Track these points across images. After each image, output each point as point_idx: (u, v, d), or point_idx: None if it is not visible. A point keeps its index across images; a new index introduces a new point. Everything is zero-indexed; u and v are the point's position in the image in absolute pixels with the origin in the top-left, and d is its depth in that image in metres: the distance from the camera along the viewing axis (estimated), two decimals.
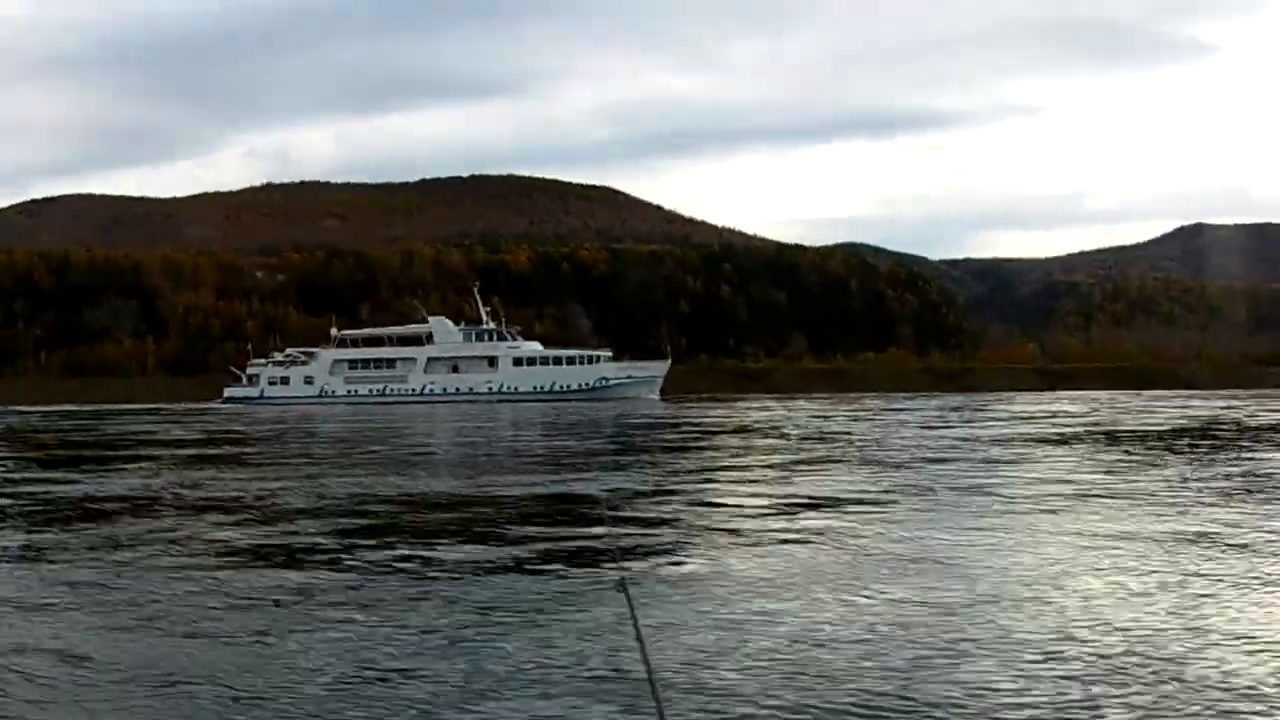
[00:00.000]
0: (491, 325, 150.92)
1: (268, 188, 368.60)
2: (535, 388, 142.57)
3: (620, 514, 18.95)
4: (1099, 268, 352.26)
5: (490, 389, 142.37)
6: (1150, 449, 36.29)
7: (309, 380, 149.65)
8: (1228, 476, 24.94)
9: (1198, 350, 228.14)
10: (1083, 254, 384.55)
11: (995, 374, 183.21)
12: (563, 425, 62.39)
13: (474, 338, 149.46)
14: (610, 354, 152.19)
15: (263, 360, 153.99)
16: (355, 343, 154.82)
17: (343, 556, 15.14)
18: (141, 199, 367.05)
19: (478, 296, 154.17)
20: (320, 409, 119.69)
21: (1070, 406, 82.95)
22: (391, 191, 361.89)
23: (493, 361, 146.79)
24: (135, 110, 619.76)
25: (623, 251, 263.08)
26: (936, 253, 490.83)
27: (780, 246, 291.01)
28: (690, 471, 29.67)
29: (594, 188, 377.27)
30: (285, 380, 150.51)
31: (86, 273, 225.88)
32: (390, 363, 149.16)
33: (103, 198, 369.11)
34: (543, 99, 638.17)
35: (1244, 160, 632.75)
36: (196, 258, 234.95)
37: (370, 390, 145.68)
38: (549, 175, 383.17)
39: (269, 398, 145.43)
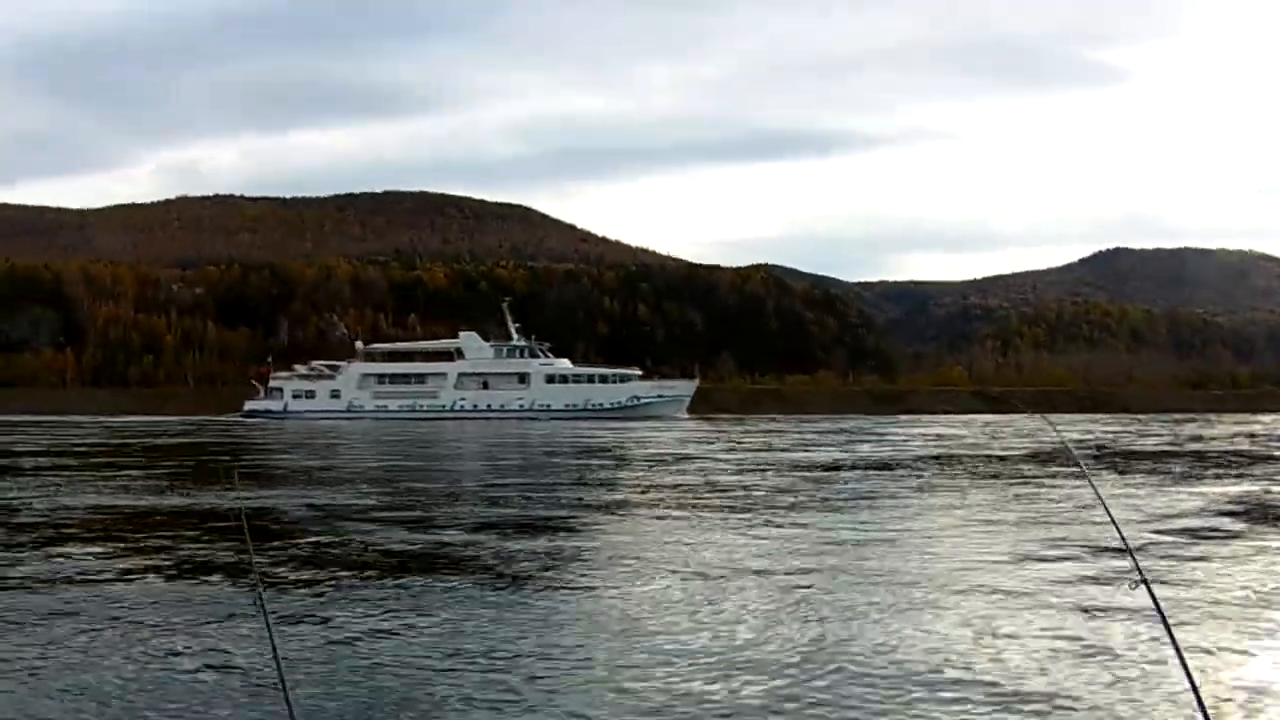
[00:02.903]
0: (522, 342, 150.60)
1: (181, 201, 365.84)
2: (567, 405, 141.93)
3: None
4: (1016, 291, 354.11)
5: (522, 406, 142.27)
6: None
7: (335, 394, 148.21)
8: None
9: (1128, 374, 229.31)
10: (999, 277, 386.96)
11: (933, 397, 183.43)
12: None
13: (505, 354, 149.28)
14: (640, 373, 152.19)
15: (286, 373, 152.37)
16: (381, 357, 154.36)
17: None
18: (52, 209, 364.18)
19: (507, 313, 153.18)
20: (348, 424, 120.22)
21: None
22: (305, 207, 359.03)
23: (524, 378, 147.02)
24: (42, 120, 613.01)
25: (540, 270, 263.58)
26: (850, 274, 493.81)
27: (697, 267, 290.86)
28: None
29: (508, 206, 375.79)
30: (310, 394, 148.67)
31: (6, 282, 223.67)
32: (420, 378, 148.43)
33: (10, 207, 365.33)
34: (457, 116, 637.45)
35: (1157, 186, 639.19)
36: (115, 269, 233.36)
37: (400, 406, 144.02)
38: (463, 193, 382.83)
39: (293, 412, 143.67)
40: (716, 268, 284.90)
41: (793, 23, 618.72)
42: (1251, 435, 78.63)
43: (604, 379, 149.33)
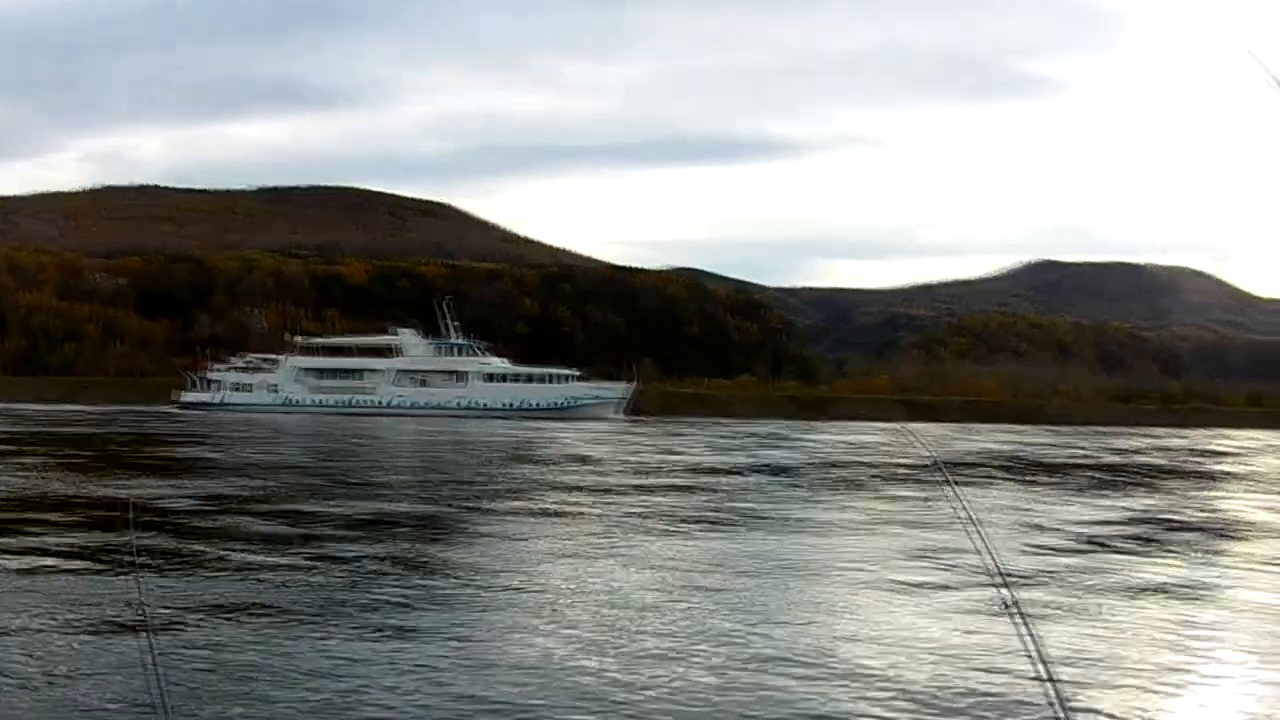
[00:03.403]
0: (460, 340, 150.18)
1: (106, 190, 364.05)
2: (504, 404, 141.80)
3: None
4: (941, 301, 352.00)
5: (459, 404, 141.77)
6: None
7: (272, 388, 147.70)
8: None
9: (1054, 387, 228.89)
10: (925, 286, 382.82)
11: (860, 404, 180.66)
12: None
13: (443, 352, 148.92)
14: (578, 374, 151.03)
15: (223, 365, 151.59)
16: (319, 351, 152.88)
17: None
18: None
19: (446, 311, 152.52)
20: (283, 418, 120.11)
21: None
22: (228, 199, 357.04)
23: (461, 377, 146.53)
24: None
25: (461, 268, 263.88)
26: (772, 280, 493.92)
27: (618, 269, 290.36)
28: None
29: (430, 203, 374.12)
30: (247, 387, 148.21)
31: None
32: (358, 373, 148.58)
33: None
34: (381, 112, 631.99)
35: (1089, 199, 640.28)
36: (40, 257, 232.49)
37: (336, 401, 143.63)
38: (386, 189, 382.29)
39: (229, 404, 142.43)
40: (638, 270, 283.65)
41: (720, 26, 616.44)
42: (1170, 450, 79.56)
43: (541, 379, 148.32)
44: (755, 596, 17.17)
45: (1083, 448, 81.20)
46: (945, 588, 18.27)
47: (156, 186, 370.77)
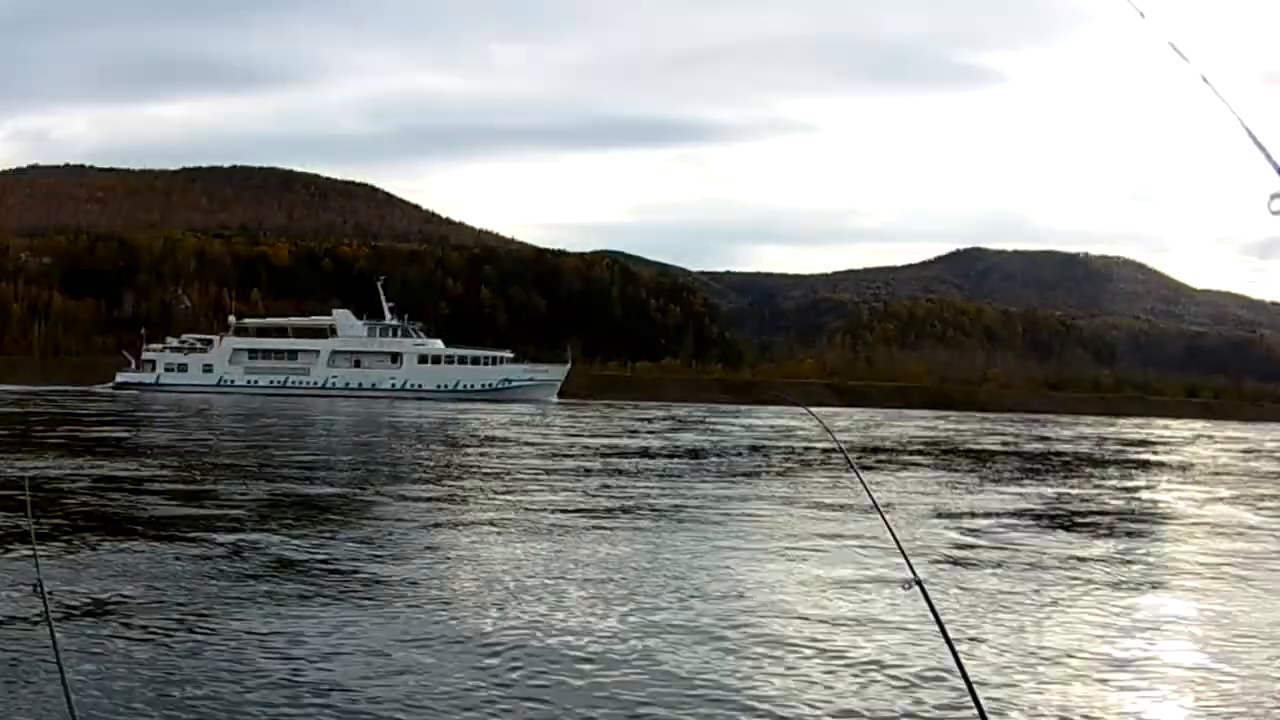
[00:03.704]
0: (395, 321, 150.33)
1: (31, 169, 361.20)
2: (439, 386, 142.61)
3: None
4: (868, 287, 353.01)
5: (394, 385, 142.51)
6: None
7: (208, 368, 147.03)
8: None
9: (983, 373, 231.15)
10: (851, 272, 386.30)
11: (789, 389, 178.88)
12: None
13: (378, 333, 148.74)
14: (512, 355, 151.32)
15: (159, 345, 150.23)
16: (254, 332, 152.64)
17: None
18: None
19: (381, 291, 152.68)
20: (217, 398, 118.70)
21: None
22: (153, 178, 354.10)
23: (396, 358, 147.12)
24: None
25: (384, 249, 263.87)
26: (698, 264, 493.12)
27: (542, 251, 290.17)
28: None
29: (354, 184, 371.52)
30: (183, 367, 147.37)
31: None
32: (293, 354, 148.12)
33: None
34: (306, 92, 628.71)
35: (1023, 188, 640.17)
36: None
37: (271, 381, 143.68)
38: (310, 169, 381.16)
39: (164, 385, 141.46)
40: (561, 253, 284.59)
41: (653, 11, 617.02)
42: (1097, 439, 78.64)
43: (476, 360, 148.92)
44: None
45: (1008, 434, 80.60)
46: (844, 563, 18.40)
47: (82, 166, 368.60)
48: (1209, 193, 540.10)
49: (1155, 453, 61.47)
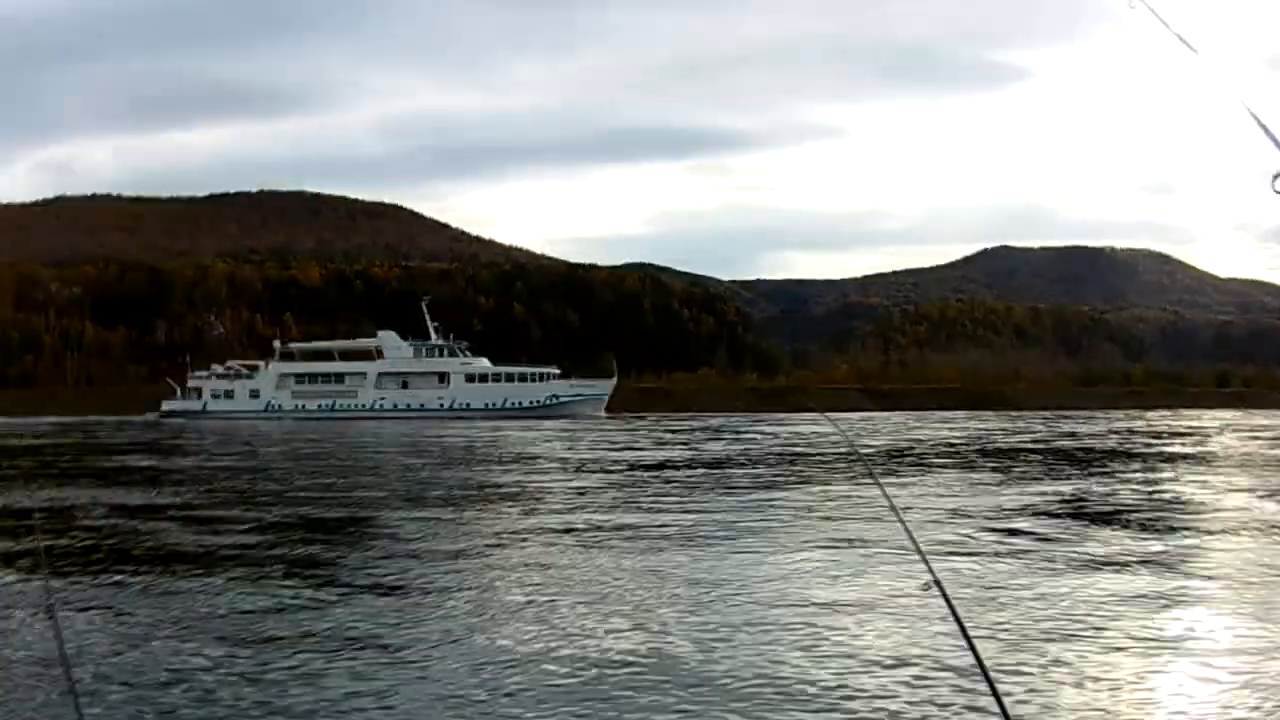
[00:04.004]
0: (441, 341, 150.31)
1: (58, 200, 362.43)
2: (487, 404, 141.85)
3: None
4: (897, 289, 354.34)
5: (442, 405, 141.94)
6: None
7: (255, 394, 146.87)
8: None
9: (1015, 372, 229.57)
10: (880, 275, 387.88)
11: (823, 395, 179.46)
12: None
13: (424, 353, 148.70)
14: (559, 371, 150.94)
15: (204, 373, 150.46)
16: (300, 356, 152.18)
17: None
18: None
19: (425, 311, 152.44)
20: (265, 424, 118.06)
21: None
22: (181, 205, 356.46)
23: (444, 378, 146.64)
24: None
25: (415, 269, 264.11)
26: (728, 273, 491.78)
27: (572, 266, 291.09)
28: None
29: (381, 205, 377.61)
30: (230, 394, 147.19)
31: None
32: (340, 377, 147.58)
33: None
34: (331, 115, 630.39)
35: (1047, 184, 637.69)
36: None
37: (319, 405, 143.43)
38: (337, 192, 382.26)
39: (211, 412, 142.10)
40: (592, 266, 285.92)
41: (676, 21, 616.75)
42: (1126, 432, 78.60)
43: (523, 378, 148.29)
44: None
45: (1038, 433, 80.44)
46: (863, 568, 18.63)
47: (108, 195, 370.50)
48: (1225, 181, 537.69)
49: (1182, 445, 61.20)
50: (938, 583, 5.50)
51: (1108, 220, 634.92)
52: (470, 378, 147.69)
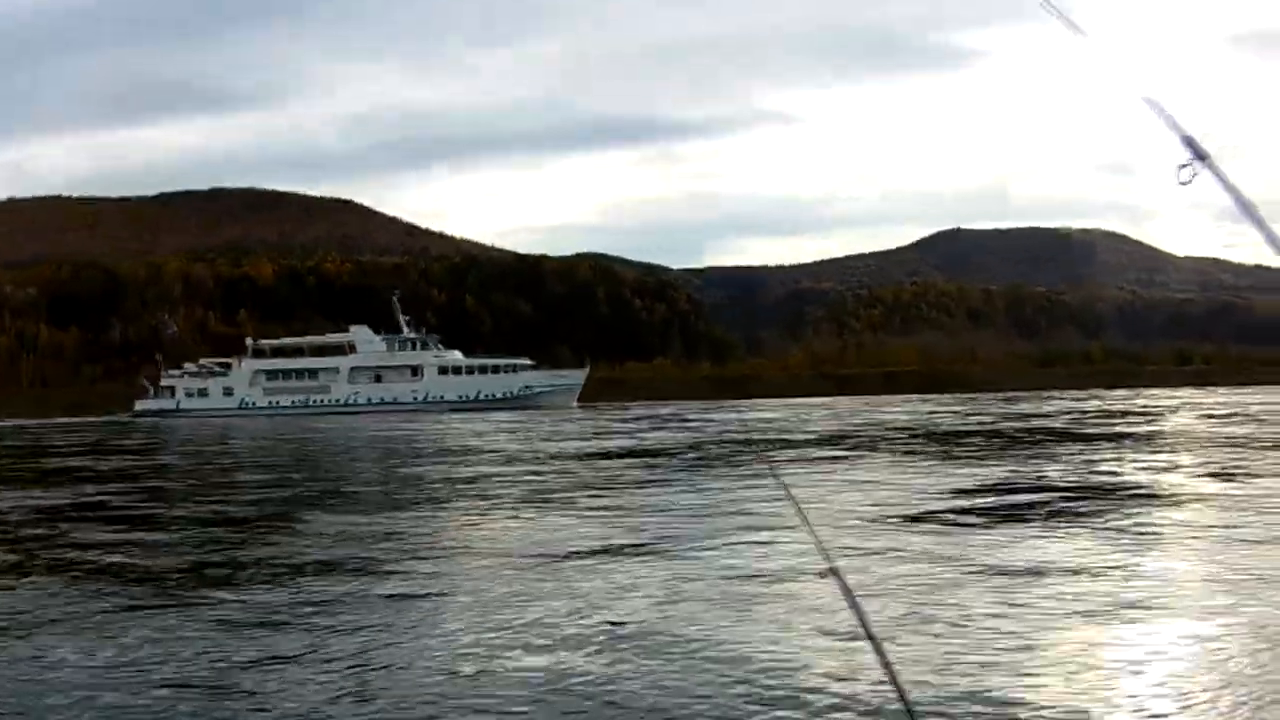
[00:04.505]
0: (413, 335, 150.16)
1: (10, 202, 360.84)
2: (461, 396, 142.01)
3: None
4: (851, 274, 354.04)
5: (415, 398, 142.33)
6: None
7: (229, 391, 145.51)
8: None
9: (971, 353, 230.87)
10: (832, 260, 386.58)
11: (780, 381, 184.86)
12: None
13: (397, 347, 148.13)
14: (531, 362, 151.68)
15: (177, 371, 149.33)
16: (271, 352, 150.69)
17: None
18: None
19: (397, 305, 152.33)
20: (240, 421, 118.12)
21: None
22: (134, 205, 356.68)
23: (417, 371, 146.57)
24: None
25: (367, 264, 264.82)
26: (679, 261, 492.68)
27: (522, 257, 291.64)
28: None
29: (335, 200, 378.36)
30: (204, 392, 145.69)
31: None
32: (313, 373, 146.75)
33: None
34: (282, 110, 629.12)
35: (1001, 165, 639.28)
36: None
37: (293, 401, 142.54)
38: (290, 188, 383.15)
39: (185, 410, 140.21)
40: (543, 257, 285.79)
41: (619, 10, 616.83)
42: (1080, 412, 78.09)
43: (496, 369, 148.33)
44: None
45: (989, 414, 79.56)
46: (765, 555, 18.17)
47: (60, 196, 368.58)
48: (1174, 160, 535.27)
49: (1131, 424, 60.99)
50: (834, 570, 5.44)
51: (1064, 201, 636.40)
52: (443, 370, 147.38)
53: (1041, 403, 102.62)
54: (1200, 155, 5.09)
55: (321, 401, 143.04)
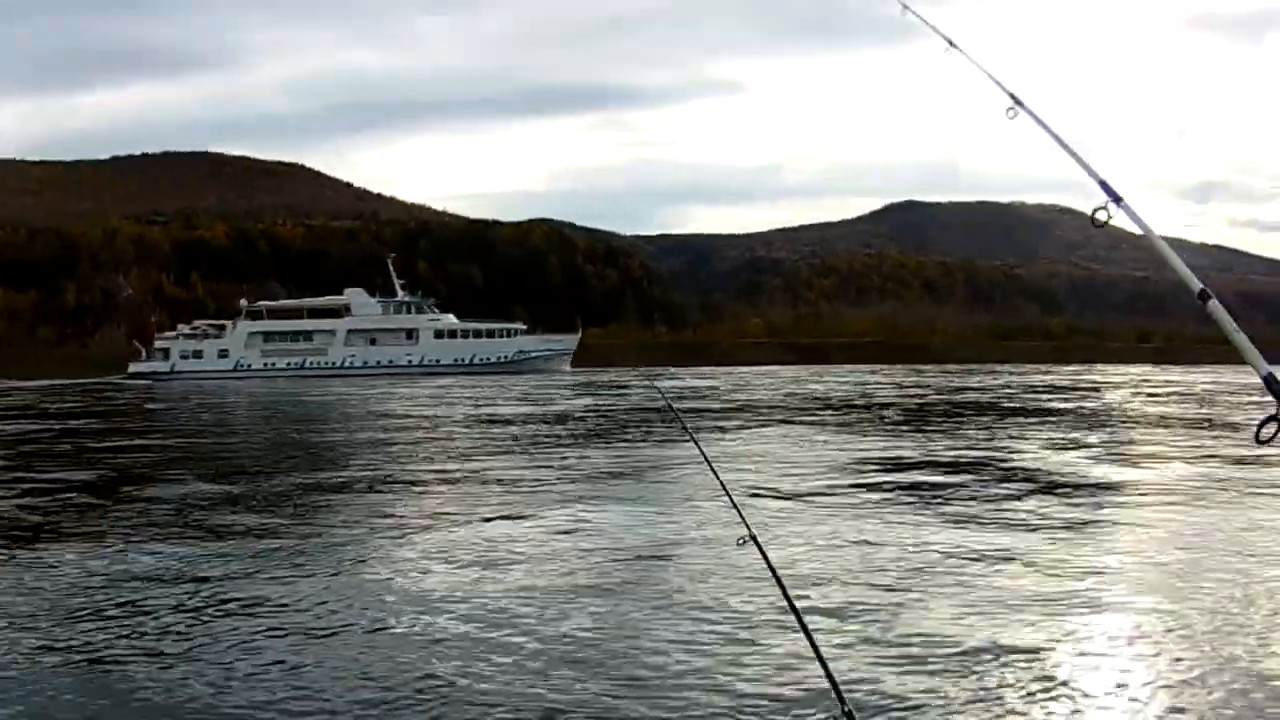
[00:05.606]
0: (409, 297, 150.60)
1: None
2: (456, 360, 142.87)
3: None
4: (804, 244, 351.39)
5: (410, 361, 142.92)
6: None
7: (223, 353, 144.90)
8: None
9: (930, 325, 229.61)
10: (785, 230, 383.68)
11: (743, 348, 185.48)
12: None
13: (393, 310, 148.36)
14: (524, 326, 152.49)
15: (172, 333, 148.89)
16: (267, 314, 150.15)
17: None
18: None
19: (392, 269, 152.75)
20: (235, 383, 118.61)
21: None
22: (85, 169, 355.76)
23: (412, 334, 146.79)
24: None
25: (319, 228, 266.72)
26: (630, 229, 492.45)
27: (474, 222, 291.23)
28: None
29: (284, 164, 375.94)
30: (198, 354, 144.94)
31: None
32: (308, 335, 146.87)
33: None
34: (233, 75, 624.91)
35: (956, 139, 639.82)
36: None
37: (288, 364, 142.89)
38: (240, 152, 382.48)
39: (180, 372, 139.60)
40: (495, 223, 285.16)
41: None
42: (1034, 387, 78.06)
43: (490, 334, 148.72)
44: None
45: (927, 386, 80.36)
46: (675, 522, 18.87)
47: (12, 160, 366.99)
48: (1138, 138, 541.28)
49: (1065, 399, 61.44)
50: (753, 537, 5.84)
51: (1019, 175, 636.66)
52: (439, 334, 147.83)
53: (994, 376, 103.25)
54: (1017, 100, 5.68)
55: (317, 364, 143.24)
